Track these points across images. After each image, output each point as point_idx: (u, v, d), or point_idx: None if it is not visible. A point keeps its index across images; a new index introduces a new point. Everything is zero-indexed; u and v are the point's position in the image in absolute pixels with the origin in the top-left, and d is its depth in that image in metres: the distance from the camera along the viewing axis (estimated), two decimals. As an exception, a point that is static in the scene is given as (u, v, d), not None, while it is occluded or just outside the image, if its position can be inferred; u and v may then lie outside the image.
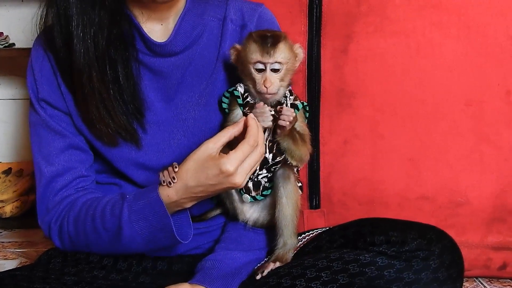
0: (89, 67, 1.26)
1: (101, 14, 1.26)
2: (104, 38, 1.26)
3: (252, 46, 1.25)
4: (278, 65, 1.24)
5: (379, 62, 1.60)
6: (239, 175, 1.16)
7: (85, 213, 1.28)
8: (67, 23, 1.26)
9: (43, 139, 1.35)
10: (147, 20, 1.33)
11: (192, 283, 1.21)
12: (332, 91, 1.62)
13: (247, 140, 1.16)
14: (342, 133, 1.63)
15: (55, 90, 1.34)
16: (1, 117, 2.42)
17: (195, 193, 1.19)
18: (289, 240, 1.30)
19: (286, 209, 1.29)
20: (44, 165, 1.34)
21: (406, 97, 1.60)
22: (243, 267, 1.28)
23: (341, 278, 1.15)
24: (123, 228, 1.23)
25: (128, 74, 1.31)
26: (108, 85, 1.28)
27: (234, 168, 1.15)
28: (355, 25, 1.60)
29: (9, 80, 2.40)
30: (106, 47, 1.27)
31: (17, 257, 1.91)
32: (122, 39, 1.30)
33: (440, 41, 1.59)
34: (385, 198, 1.63)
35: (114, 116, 1.29)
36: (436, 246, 1.16)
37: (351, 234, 1.26)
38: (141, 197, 1.23)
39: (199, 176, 1.17)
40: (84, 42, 1.25)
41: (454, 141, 1.60)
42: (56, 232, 1.33)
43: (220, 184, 1.17)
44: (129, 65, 1.31)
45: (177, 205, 1.22)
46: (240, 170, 1.16)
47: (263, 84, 1.23)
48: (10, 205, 2.23)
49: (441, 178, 1.61)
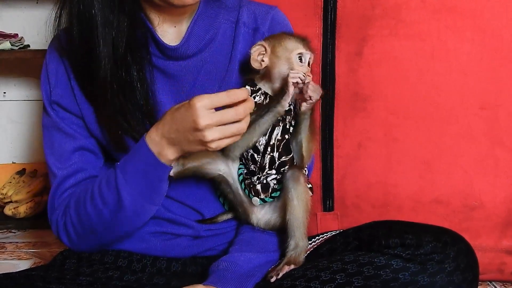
0: (107, 71, 1.26)
1: (120, 18, 1.26)
2: (123, 41, 1.27)
3: (291, 40, 1.30)
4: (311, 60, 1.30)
5: (393, 65, 1.60)
6: (210, 132, 1.13)
7: (84, 196, 1.30)
8: (88, 25, 1.26)
9: (55, 141, 1.36)
10: (161, 23, 1.33)
11: (206, 285, 1.21)
12: (346, 94, 1.61)
13: (236, 108, 1.14)
14: (356, 136, 1.62)
15: (69, 93, 1.35)
16: (15, 118, 2.43)
17: (173, 138, 1.19)
18: (300, 242, 1.29)
19: (297, 210, 1.29)
20: (56, 167, 1.35)
21: (421, 101, 1.60)
22: (257, 269, 1.27)
23: (356, 280, 1.15)
24: (121, 194, 1.25)
25: (141, 77, 1.31)
26: (123, 88, 1.29)
27: (206, 124, 1.12)
28: (369, 28, 1.59)
29: (24, 81, 2.41)
30: (124, 51, 1.27)
31: (31, 257, 1.92)
32: (137, 42, 1.31)
33: (454, 44, 1.58)
34: (398, 201, 1.63)
35: (128, 119, 1.30)
36: (451, 249, 1.16)
37: (366, 237, 1.26)
38: (131, 158, 1.25)
39: (177, 122, 1.17)
40: (106, 45, 1.26)
41: (468, 144, 1.60)
42: (62, 227, 1.34)
43: (193, 138, 1.15)
44: (143, 68, 1.31)
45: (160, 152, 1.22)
46: (214, 130, 1.13)
47: (306, 74, 1.26)
48: (24, 206, 2.24)
49: (455, 182, 1.61)
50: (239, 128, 1.16)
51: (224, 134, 1.15)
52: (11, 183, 2.34)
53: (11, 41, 2.22)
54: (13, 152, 2.46)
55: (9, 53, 2.20)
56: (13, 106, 2.43)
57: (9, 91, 2.43)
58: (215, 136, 1.14)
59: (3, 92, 2.43)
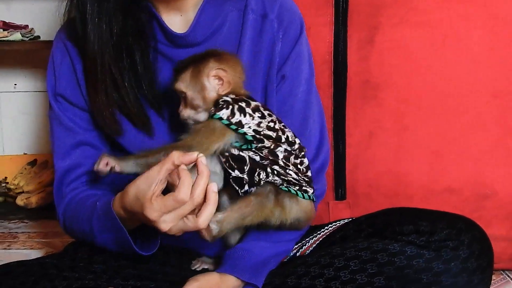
0: (102, 53, 1.27)
1: (113, 1, 1.27)
2: (119, 25, 1.27)
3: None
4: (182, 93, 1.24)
5: (404, 53, 1.59)
6: (162, 224, 1.09)
7: (74, 214, 1.31)
8: (84, 10, 1.27)
9: (57, 135, 1.38)
10: (167, 11, 1.33)
11: (221, 272, 1.22)
12: (357, 82, 1.61)
13: (175, 194, 1.07)
14: (368, 125, 1.62)
15: (74, 84, 1.35)
16: (26, 109, 2.44)
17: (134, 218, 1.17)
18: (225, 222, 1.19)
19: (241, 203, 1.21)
20: (57, 161, 1.37)
21: (432, 89, 1.59)
22: (272, 258, 1.27)
23: (370, 267, 1.15)
24: (96, 237, 1.25)
25: (146, 63, 1.31)
26: (123, 71, 1.29)
27: (155, 217, 1.09)
28: (381, 16, 1.59)
29: (34, 72, 2.42)
30: (122, 35, 1.28)
31: (43, 247, 1.93)
32: (141, 28, 1.31)
33: (466, 32, 1.57)
34: (410, 190, 1.62)
35: (128, 103, 1.30)
36: (465, 236, 1.16)
37: (379, 224, 1.26)
38: (105, 213, 1.22)
39: (134, 207, 1.13)
40: (99, 28, 1.26)
41: (480, 133, 1.59)
42: (63, 226, 1.36)
43: (148, 223, 1.12)
44: (147, 54, 1.31)
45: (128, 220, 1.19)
46: (164, 219, 1.09)
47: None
48: (35, 196, 2.25)
49: (466, 171, 1.60)
50: (190, 207, 1.09)
51: (176, 218, 1.10)
52: (22, 174, 2.35)
53: (22, 32, 2.22)
54: (24, 143, 2.47)
55: (19, 44, 2.21)
56: (24, 98, 2.44)
57: (19, 82, 2.44)
58: (167, 222, 1.10)
59: (13, 84, 2.43)
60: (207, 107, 1.23)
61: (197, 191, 1.07)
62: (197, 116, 1.23)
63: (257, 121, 1.20)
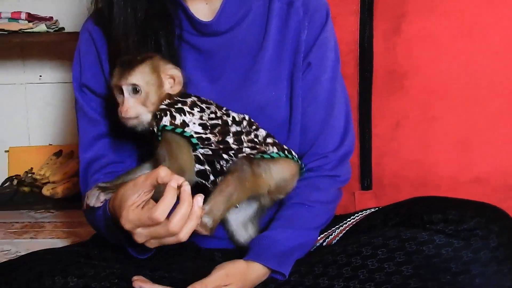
0: (126, 36, 1.28)
1: None
2: (143, 10, 1.28)
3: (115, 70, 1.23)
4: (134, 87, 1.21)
5: (431, 42, 1.57)
6: (137, 236, 1.09)
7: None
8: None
9: (81, 127, 1.39)
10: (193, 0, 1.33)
11: (248, 260, 1.21)
12: (384, 72, 1.60)
13: (151, 211, 1.06)
14: (394, 115, 1.61)
15: (99, 74, 1.36)
16: (52, 100, 2.46)
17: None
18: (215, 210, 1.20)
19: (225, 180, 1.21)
20: (81, 152, 1.39)
21: (458, 78, 1.57)
22: (298, 247, 1.26)
23: (398, 256, 1.15)
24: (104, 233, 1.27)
25: (170, 49, 1.31)
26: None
27: (129, 228, 1.08)
28: (407, 5, 1.57)
29: (59, 64, 2.44)
30: (147, 20, 1.28)
31: (68, 236, 1.95)
32: (166, 15, 1.31)
33: (493, 20, 1.55)
34: (436, 180, 1.61)
35: None
36: (495, 225, 1.14)
37: (407, 213, 1.25)
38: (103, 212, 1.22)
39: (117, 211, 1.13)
40: (125, 11, 1.27)
41: (508, 122, 1.57)
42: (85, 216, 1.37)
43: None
44: (172, 41, 1.32)
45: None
46: (138, 231, 1.09)
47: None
48: (61, 186, 2.27)
49: (494, 161, 1.58)
50: (167, 231, 1.07)
51: (151, 235, 1.10)
52: (48, 165, 2.38)
53: (47, 24, 2.24)
54: (49, 134, 2.49)
55: (44, 35, 2.23)
56: (49, 89, 2.46)
57: (44, 74, 2.46)
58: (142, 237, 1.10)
59: (39, 75, 2.46)
60: (155, 108, 1.22)
61: (174, 219, 1.06)
62: (145, 116, 1.22)
63: (198, 115, 1.21)
